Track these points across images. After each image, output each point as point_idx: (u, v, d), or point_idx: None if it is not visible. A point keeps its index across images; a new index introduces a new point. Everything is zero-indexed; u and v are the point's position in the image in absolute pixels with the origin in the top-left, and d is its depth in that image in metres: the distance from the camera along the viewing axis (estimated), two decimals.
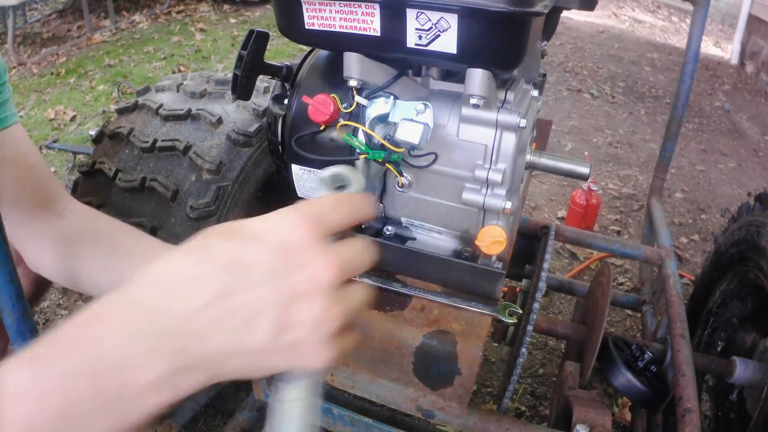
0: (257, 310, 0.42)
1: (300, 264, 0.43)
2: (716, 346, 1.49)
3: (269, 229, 0.45)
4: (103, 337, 0.40)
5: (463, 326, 0.85)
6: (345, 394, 1.02)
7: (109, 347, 0.40)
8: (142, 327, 0.41)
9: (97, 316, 0.42)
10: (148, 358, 0.40)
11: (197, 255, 0.44)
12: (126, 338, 0.40)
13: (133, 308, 0.42)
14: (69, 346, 0.40)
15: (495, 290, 0.88)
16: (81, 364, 0.40)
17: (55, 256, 0.88)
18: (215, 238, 0.45)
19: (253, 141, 1.28)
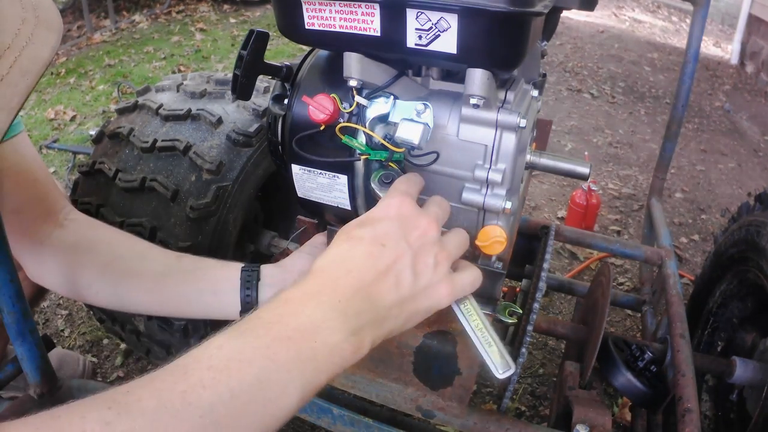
0: (400, 268, 0.57)
1: (413, 226, 0.59)
2: (716, 346, 1.49)
3: (383, 209, 0.62)
4: (298, 313, 0.51)
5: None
6: (345, 394, 1.02)
7: (303, 320, 0.51)
8: (326, 300, 0.53)
9: (286, 299, 0.53)
10: (335, 323, 0.51)
11: (348, 244, 0.58)
12: (316, 311, 0.52)
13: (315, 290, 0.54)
14: (268, 322, 0.51)
15: (495, 290, 0.88)
16: (282, 333, 0.49)
17: (55, 266, 0.89)
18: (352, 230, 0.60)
19: (253, 141, 1.28)
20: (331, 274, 0.56)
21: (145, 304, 0.87)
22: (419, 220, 0.61)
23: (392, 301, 0.56)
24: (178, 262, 0.87)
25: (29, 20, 0.50)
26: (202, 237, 1.22)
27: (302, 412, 1.05)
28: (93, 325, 1.92)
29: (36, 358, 1.00)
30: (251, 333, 0.50)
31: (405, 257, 0.57)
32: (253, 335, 0.49)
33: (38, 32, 0.50)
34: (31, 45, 0.49)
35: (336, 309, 0.52)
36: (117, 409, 0.42)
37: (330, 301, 0.53)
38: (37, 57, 0.49)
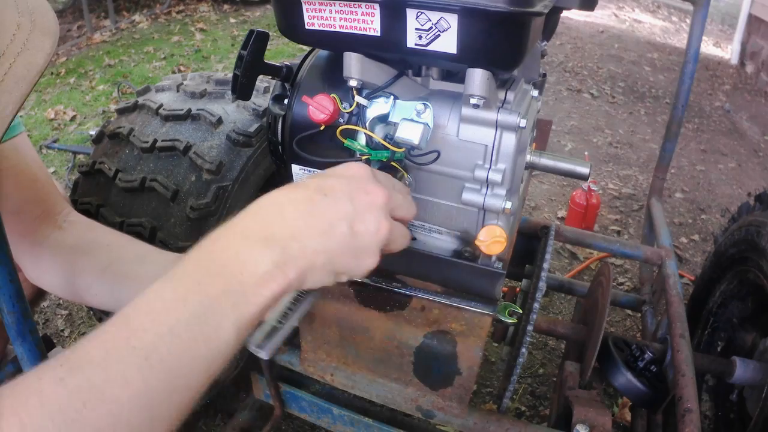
0: (337, 219, 0.57)
1: (364, 190, 0.60)
2: (716, 346, 1.49)
3: (338, 168, 0.63)
4: (225, 248, 0.54)
5: (463, 326, 0.85)
6: (345, 394, 1.02)
7: (230, 254, 0.53)
8: (251, 235, 0.55)
9: (216, 236, 0.56)
10: (259, 256, 0.53)
11: (291, 188, 0.59)
12: (242, 245, 0.54)
13: (244, 225, 0.56)
14: (198, 261, 0.54)
15: (495, 290, 0.88)
16: (211, 270, 0.52)
17: (53, 268, 0.89)
18: (306, 178, 0.62)
19: (253, 141, 1.28)
20: (264, 211, 0.58)
21: None
22: (371, 185, 0.61)
23: (319, 247, 0.56)
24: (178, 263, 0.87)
25: (25, 25, 0.50)
26: (202, 237, 1.22)
27: (302, 412, 1.05)
28: (93, 325, 1.92)
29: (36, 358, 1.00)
30: (184, 273, 0.52)
31: (343, 212, 0.58)
32: (186, 275, 0.52)
33: (34, 38, 0.50)
34: (26, 51, 0.49)
35: (261, 242, 0.54)
36: (68, 365, 0.44)
37: (255, 235, 0.55)
38: (31, 64, 0.49)
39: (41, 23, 0.52)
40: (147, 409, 0.45)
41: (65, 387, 0.43)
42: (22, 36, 0.49)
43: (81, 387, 0.43)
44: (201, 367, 0.49)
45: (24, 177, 0.89)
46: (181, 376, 0.47)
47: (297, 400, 1.04)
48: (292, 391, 1.03)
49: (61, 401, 0.42)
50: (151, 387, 0.45)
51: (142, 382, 0.45)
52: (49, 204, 0.92)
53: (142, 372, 0.45)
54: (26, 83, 0.49)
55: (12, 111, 0.47)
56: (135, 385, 0.44)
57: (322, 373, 0.94)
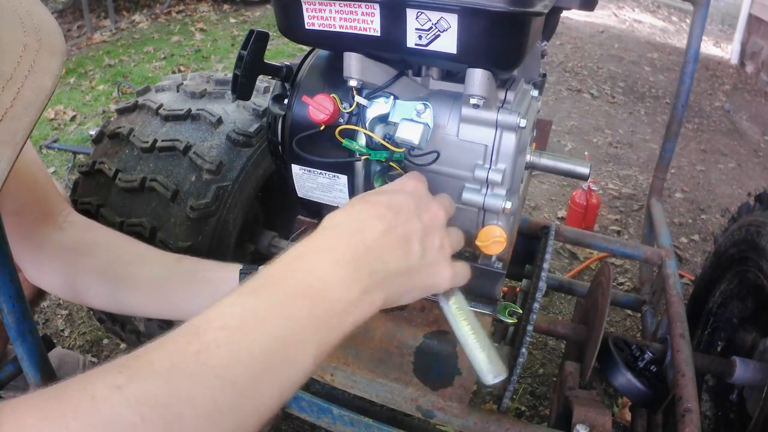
0: (410, 238, 0.57)
1: (425, 207, 0.61)
2: (716, 346, 1.49)
3: (399, 184, 0.64)
4: (312, 269, 0.51)
5: None
6: (345, 394, 1.02)
7: (318, 275, 0.50)
8: (340, 257, 0.52)
9: (299, 254, 0.53)
10: (349, 280, 0.51)
11: (361, 206, 0.59)
12: (331, 267, 0.51)
13: (329, 245, 0.54)
14: (282, 278, 0.50)
15: (495, 290, 0.88)
16: (296, 290, 0.49)
17: (53, 268, 0.88)
18: (367, 196, 0.62)
19: (253, 141, 1.28)
20: (344, 229, 0.56)
21: (144, 307, 0.87)
22: (431, 203, 0.63)
23: (401, 267, 0.56)
24: (177, 264, 0.87)
25: (31, 46, 0.48)
26: (202, 237, 1.22)
27: (302, 412, 1.05)
28: (93, 325, 1.92)
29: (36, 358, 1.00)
30: (265, 290, 0.49)
31: (416, 229, 0.58)
32: (266, 292, 0.48)
33: (41, 59, 0.48)
34: (33, 74, 0.47)
35: (350, 266, 0.52)
36: (128, 372, 0.40)
37: (344, 257, 0.52)
38: (40, 87, 0.47)
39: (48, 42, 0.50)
40: (210, 429, 0.41)
41: (122, 395, 0.38)
42: (29, 57, 0.47)
43: (140, 398, 0.39)
44: (274, 392, 0.45)
45: (24, 178, 0.89)
46: (251, 400, 0.43)
47: (297, 400, 1.04)
48: None
49: (116, 411, 0.38)
50: (219, 408, 0.41)
51: (211, 402, 0.41)
52: (49, 205, 0.92)
53: (212, 392, 0.41)
54: (35, 109, 0.46)
55: (23, 137, 0.45)
56: (202, 405, 0.41)
57: (322, 373, 0.95)
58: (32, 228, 0.89)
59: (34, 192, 0.90)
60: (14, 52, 0.46)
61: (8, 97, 0.44)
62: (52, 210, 0.92)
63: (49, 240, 0.89)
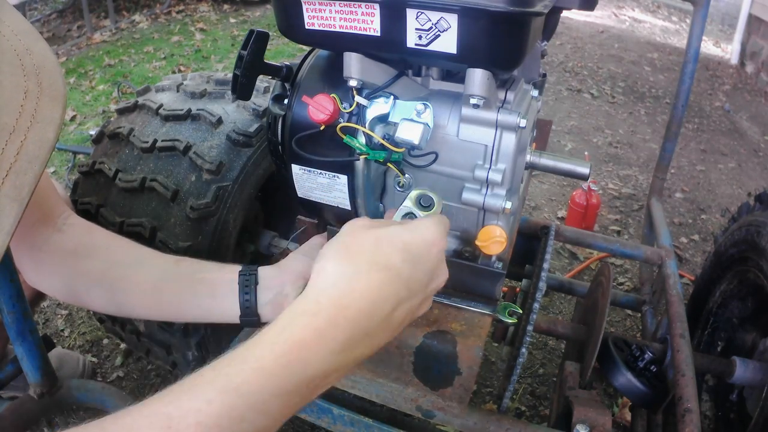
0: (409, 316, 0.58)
1: (436, 278, 0.61)
2: (716, 346, 1.49)
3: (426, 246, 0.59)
4: (307, 362, 0.49)
5: (463, 326, 0.85)
6: (345, 394, 1.02)
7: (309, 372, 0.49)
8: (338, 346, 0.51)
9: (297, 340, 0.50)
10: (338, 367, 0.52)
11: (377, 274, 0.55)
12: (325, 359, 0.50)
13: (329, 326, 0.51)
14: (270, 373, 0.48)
15: (495, 290, 0.88)
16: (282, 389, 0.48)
17: (53, 271, 0.88)
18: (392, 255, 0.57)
19: (253, 141, 1.28)
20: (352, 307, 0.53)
21: (144, 309, 0.87)
22: (442, 273, 0.62)
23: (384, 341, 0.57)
24: (176, 266, 0.87)
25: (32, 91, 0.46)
26: (202, 237, 1.22)
27: (302, 412, 1.05)
28: (93, 325, 1.92)
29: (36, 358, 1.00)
30: (246, 389, 0.47)
31: (414, 305, 0.58)
32: (248, 391, 0.47)
33: (42, 106, 0.46)
34: (36, 124, 0.45)
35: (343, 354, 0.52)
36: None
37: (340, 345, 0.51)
38: (43, 139, 0.45)
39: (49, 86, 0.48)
40: None
41: None
42: (31, 105, 0.45)
43: None
44: None
45: None
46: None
47: None
48: None
49: None
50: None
51: None
52: (48, 207, 0.92)
53: None
54: (39, 162, 0.45)
55: (28, 193, 0.44)
56: None
57: None
58: (31, 230, 0.88)
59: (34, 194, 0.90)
60: (15, 100, 0.44)
61: (12, 151, 0.43)
62: (52, 212, 0.92)
63: (48, 242, 0.88)
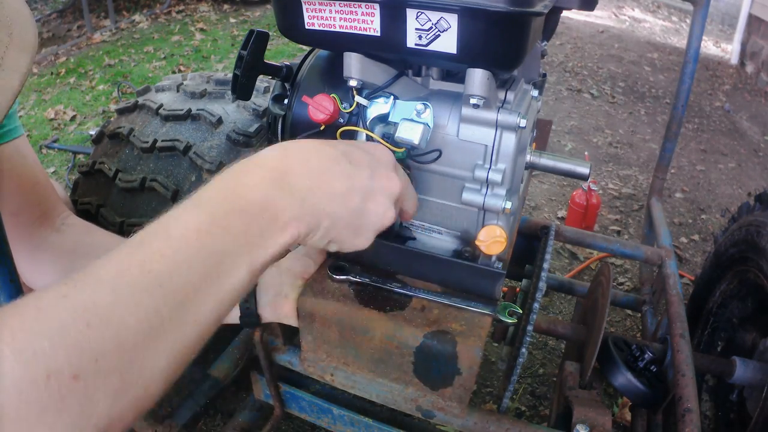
0: (354, 189, 0.58)
1: (385, 174, 0.62)
2: (716, 346, 1.49)
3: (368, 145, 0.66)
4: (253, 186, 0.52)
5: (463, 326, 0.85)
6: (345, 394, 1.02)
7: (258, 194, 0.52)
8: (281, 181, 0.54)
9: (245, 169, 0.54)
10: (285, 204, 0.53)
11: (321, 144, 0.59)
12: (269, 187, 0.53)
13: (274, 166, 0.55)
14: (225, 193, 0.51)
15: (495, 290, 0.88)
16: (237, 206, 0.50)
17: (51, 270, 0.88)
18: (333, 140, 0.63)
19: (253, 141, 1.28)
20: (294, 155, 0.57)
21: None
22: (391, 173, 0.63)
23: (334, 212, 0.57)
24: None
25: (1, 41, 0.47)
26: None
27: (302, 412, 1.05)
28: None
29: None
30: (208, 203, 0.50)
31: (362, 186, 0.59)
32: (210, 205, 0.50)
33: (9, 55, 0.46)
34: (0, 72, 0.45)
35: (287, 190, 0.54)
36: (73, 283, 0.41)
37: (284, 181, 0.54)
38: (6, 87, 0.45)
39: (19, 37, 0.48)
40: (153, 339, 0.42)
41: (68, 303, 0.39)
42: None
43: (86, 306, 0.39)
44: (212, 304, 0.47)
45: (24, 179, 0.89)
46: (191, 310, 0.45)
47: (297, 400, 1.04)
48: (292, 391, 1.03)
49: (62, 319, 0.38)
50: (161, 315, 0.43)
51: (154, 310, 0.42)
52: (47, 207, 0.92)
53: (154, 299, 0.42)
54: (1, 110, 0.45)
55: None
56: (145, 312, 0.42)
57: (322, 373, 0.94)
58: (30, 230, 0.88)
59: (34, 193, 0.90)
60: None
61: None
62: (51, 212, 0.92)
63: (47, 242, 0.89)
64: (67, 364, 0.36)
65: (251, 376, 1.09)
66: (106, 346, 0.39)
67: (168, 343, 0.43)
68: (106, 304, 0.40)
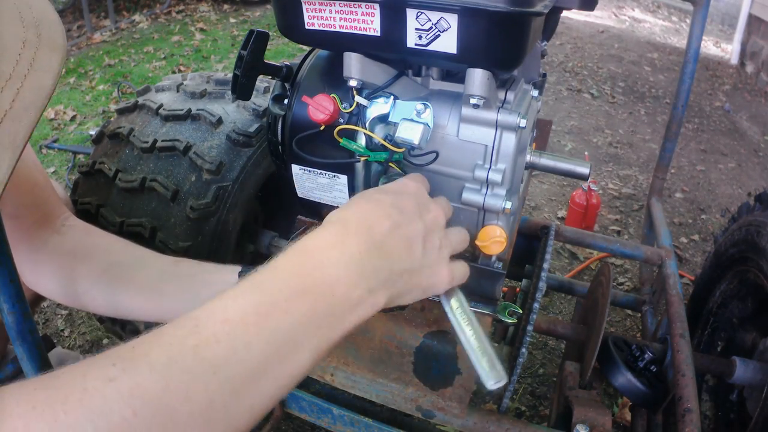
0: (414, 238, 0.58)
1: (426, 208, 0.62)
2: (716, 346, 1.49)
3: (401, 185, 0.64)
4: (318, 265, 0.50)
5: None
6: (345, 394, 1.02)
7: (325, 272, 0.50)
8: (348, 254, 0.52)
9: (305, 249, 0.52)
10: (355, 278, 0.51)
11: (366, 204, 0.58)
12: (338, 263, 0.51)
13: (336, 241, 0.53)
14: (287, 274, 0.49)
15: (495, 290, 0.88)
16: (301, 287, 0.48)
17: (51, 272, 0.88)
18: (371, 194, 0.62)
19: (253, 141, 1.28)
20: (351, 225, 0.55)
21: (143, 310, 0.86)
22: (432, 205, 0.63)
23: (404, 267, 0.56)
24: (176, 267, 0.87)
25: (31, 41, 0.46)
26: (202, 237, 1.22)
27: (302, 412, 1.05)
28: (93, 325, 1.92)
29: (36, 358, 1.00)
30: (269, 285, 0.48)
31: (418, 230, 0.59)
32: (270, 287, 0.47)
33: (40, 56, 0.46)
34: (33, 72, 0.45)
35: (355, 263, 0.52)
36: (122, 365, 0.39)
37: (350, 253, 0.52)
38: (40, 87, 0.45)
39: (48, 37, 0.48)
40: (204, 427, 0.40)
41: (115, 389, 0.37)
42: (29, 54, 0.45)
43: (133, 392, 0.37)
44: (270, 390, 0.44)
45: (24, 180, 0.89)
46: (246, 398, 0.43)
47: (297, 400, 1.04)
48: (292, 391, 1.04)
49: (108, 405, 0.36)
50: (214, 406, 0.40)
51: (206, 399, 0.40)
52: (48, 208, 0.91)
53: (208, 388, 0.40)
54: (36, 109, 0.45)
55: (23, 139, 0.44)
56: (197, 402, 0.39)
57: (322, 373, 0.94)
58: (30, 231, 0.88)
59: (34, 195, 0.90)
60: (13, 49, 0.44)
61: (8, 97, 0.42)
62: (51, 214, 0.92)
63: (47, 244, 0.88)
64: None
65: None
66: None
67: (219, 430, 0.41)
68: (155, 392, 0.38)
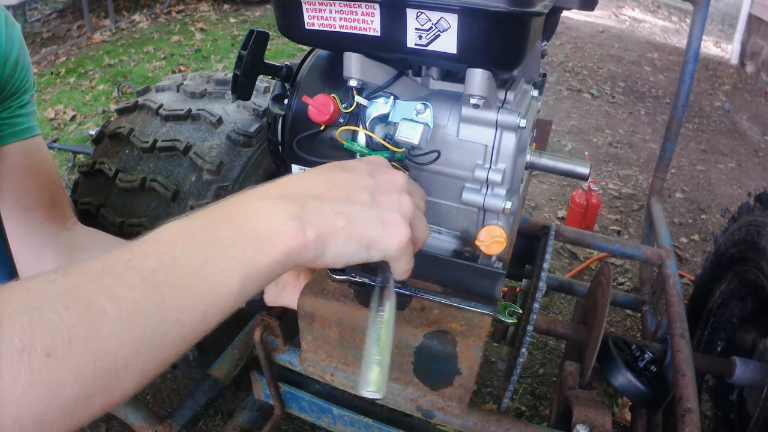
0: (358, 188, 0.57)
1: (384, 171, 0.61)
2: (716, 346, 1.49)
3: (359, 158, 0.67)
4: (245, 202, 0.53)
5: (463, 326, 0.85)
6: (345, 394, 1.02)
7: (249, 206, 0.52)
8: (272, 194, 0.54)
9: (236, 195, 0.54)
10: (277, 209, 0.52)
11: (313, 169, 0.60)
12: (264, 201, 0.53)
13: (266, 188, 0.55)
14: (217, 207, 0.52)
15: (495, 290, 0.88)
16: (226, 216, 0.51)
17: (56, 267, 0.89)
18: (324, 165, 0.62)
19: (253, 141, 1.28)
20: (285, 180, 0.57)
21: None
22: (390, 169, 0.63)
23: (339, 208, 0.55)
24: None
25: None
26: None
27: (302, 412, 1.05)
28: None
29: None
30: (198, 215, 0.51)
31: (365, 183, 0.58)
32: (199, 216, 0.51)
33: None
34: None
35: (280, 198, 0.54)
36: (63, 272, 0.43)
37: (275, 195, 0.54)
38: None
39: None
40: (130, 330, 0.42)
41: (53, 287, 0.41)
42: None
43: (68, 290, 0.41)
44: (196, 304, 0.46)
45: (46, 177, 0.91)
46: (172, 308, 0.45)
47: (297, 400, 1.04)
48: (292, 391, 1.03)
49: (44, 299, 0.40)
50: (141, 309, 0.43)
51: (132, 301, 0.43)
52: (61, 208, 0.93)
53: (134, 291, 0.43)
54: None
55: None
56: (124, 302, 0.42)
57: (322, 373, 0.94)
58: (42, 227, 0.89)
59: (50, 191, 0.91)
60: None
61: None
62: (63, 213, 0.93)
63: (55, 239, 0.89)
64: (40, 341, 0.38)
65: (251, 376, 1.09)
66: (81, 331, 0.40)
67: (146, 337, 0.43)
68: (87, 291, 0.42)
